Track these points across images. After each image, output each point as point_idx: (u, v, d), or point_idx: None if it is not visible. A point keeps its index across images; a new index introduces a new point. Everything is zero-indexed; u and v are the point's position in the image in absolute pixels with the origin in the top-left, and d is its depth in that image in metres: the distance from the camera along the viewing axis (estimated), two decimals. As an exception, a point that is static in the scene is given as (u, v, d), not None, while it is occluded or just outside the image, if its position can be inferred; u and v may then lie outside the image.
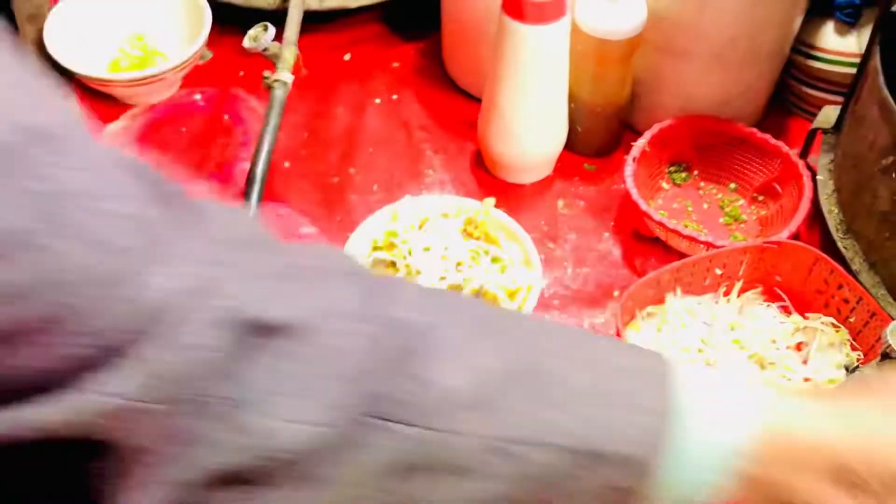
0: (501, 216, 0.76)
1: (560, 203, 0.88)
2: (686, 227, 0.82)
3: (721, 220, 0.87)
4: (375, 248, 0.75)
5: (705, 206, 0.88)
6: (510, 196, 0.87)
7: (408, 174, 0.90)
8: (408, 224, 0.74)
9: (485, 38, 0.90)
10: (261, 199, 0.73)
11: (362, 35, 1.02)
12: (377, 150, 0.93)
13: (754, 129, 0.86)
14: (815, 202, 0.80)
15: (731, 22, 0.81)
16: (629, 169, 0.82)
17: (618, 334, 0.71)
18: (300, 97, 0.93)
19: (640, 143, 0.85)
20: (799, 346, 0.74)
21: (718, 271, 0.76)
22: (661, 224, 0.78)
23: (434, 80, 1.00)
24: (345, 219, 0.86)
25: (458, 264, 0.70)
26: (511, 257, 0.72)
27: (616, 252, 0.84)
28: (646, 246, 0.84)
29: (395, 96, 0.98)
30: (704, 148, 0.90)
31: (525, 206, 0.87)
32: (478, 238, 0.72)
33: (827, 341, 0.73)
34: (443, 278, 0.69)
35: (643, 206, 0.79)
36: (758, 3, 0.79)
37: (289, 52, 0.81)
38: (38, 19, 0.95)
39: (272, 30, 0.78)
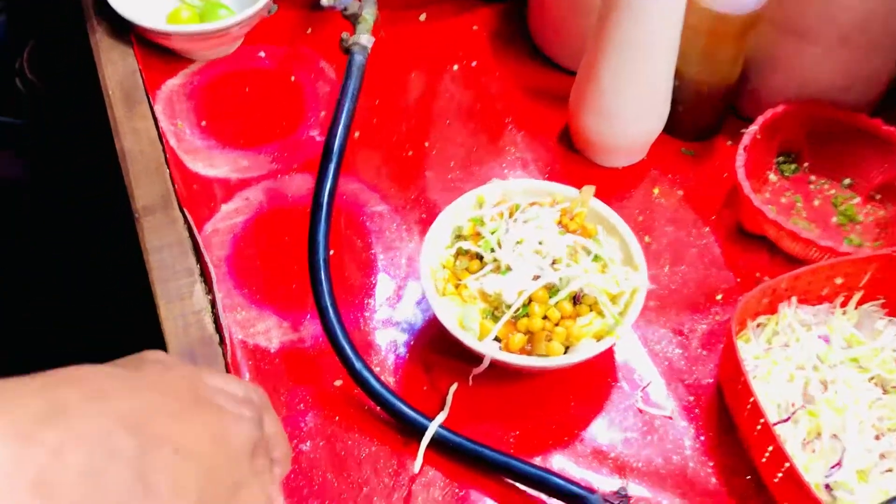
0: (601, 207, 0.68)
1: (656, 191, 0.80)
2: (796, 224, 0.74)
3: (834, 219, 0.78)
4: (459, 237, 0.67)
5: (816, 202, 0.80)
6: (600, 181, 0.79)
7: (487, 150, 0.83)
8: (496, 212, 0.67)
9: (580, 5, 0.82)
10: (338, 174, 0.66)
11: (439, -8, 0.94)
12: (454, 122, 0.85)
13: (878, 120, 0.77)
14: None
15: (864, 1, 0.72)
16: (740, 159, 0.74)
17: (728, 346, 0.63)
18: (370, 60, 0.85)
19: (751, 130, 0.76)
20: (926, 370, 0.66)
21: (839, 280, 0.68)
22: (775, 223, 0.70)
23: (517, 47, 0.91)
24: (419, 196, 0.79)
25: (555, 262, 0.62)
26: (612, 255, 0.65)
27: (717, 250, 0.76)
28: (750, 244, 0.76)
29: (473, 63, 0.90)
30: (818, 138, 0.81)
31: (617, 193, 0.79)
32: (574, 231, 0.65)
33: (959, 366, 0.65)
34: (536, 277, 0.62)
35: (756, 201, 0.71)
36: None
37: (369, 13, 0.73)
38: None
39: (355, -14, 0.70)
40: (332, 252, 0.65)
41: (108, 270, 0.94)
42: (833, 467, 0.60)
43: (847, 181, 0.80)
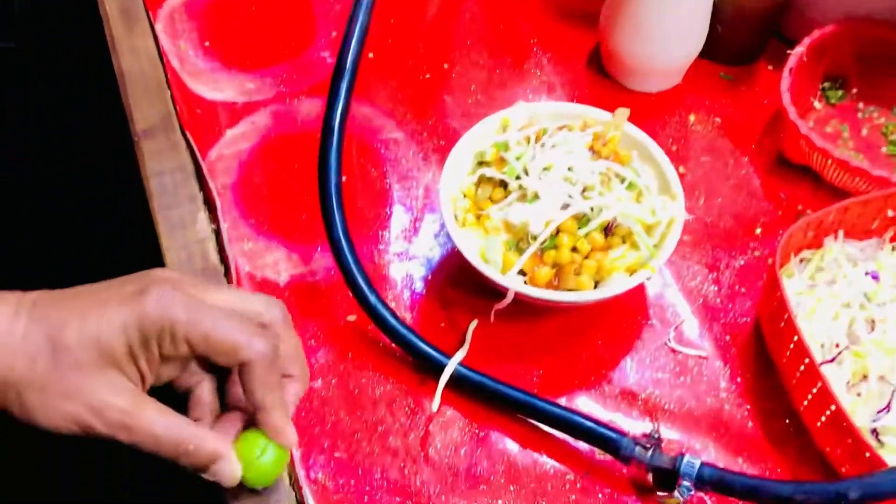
0: (635, 132, 0.63)
1: (692, 118, 0.74)
2: (844, 153, 0.68)
3: (883, 149, 0.73)
4: (481, 163, 0.63)
5: (864, 131, 0.74)
6: (632, 106, 0.73)
7: (511, 74, 0.77)
8: (521, 136, 0.62)
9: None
10: (350, 94, 0.61)
11: None
12: (476, 43, 0.79)
13: (936, 41, 0.71)
14: None
15: None
16: (786, 82, 0.68)
17: (770, 281, 0.59)
18: (386, -24, 0.80)
19: (797, 52, 0.70)
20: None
21: (891, 213, 0.63)
22: (823, 151, 0.65)
23: (543, -38, 0.85)
24: (437, 123, 0.74)
25: (586, 189, 0.58)
26: (647, 183, 0.60)
27: (756, 181, 0.71)
28: (792, 175, 0.71)
29: (496, -21, 0.83)
30: (868, 62, 0.75)
31: (650, 120, 0.74)
32: (607, 157, 0.60)
33: None
34: (566, 206, 0.57)
35: (803, 128, 0.65)
36: None
37: (385, -83, 0.67)
38: None
39: None
40: (344, 179, 0.60)
41: (106, 201, 0.90)
42: (881, 411, 0.56)
43: (898, 109, 0.75)
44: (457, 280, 0.64)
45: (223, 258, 0.63)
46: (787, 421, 0.58)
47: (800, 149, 0.68)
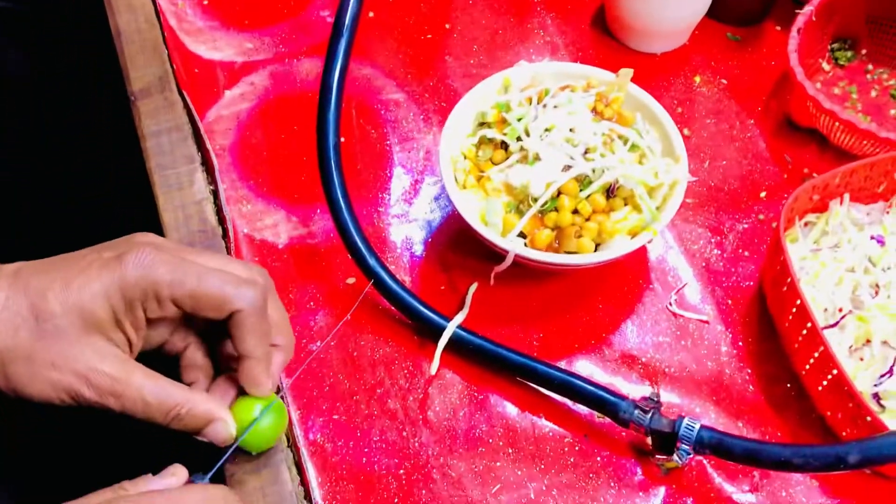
0: (639, 93, 0.62)
1: (697, 80, 0.73)
2: (852, 115, 0.67)
3: (892, 111, 0.72)
4: (482, 125, 0.62)
5: (873, 93, 0.73)
6: (637, 67, 0.72)
7: (514, 34, 0.76)
8: (523, 97, 0.61)
9: None
10: (349, 53, 0.60)
11: None
12: (477, 2, 0.78)
13: (949, 1, 0.70)
14: None
15: None
16: (793, 42, 0.67)
17: (773, 245, 0.58)
18: (387, -68, 0.78)
19: (806, 11, 0.69)
20: None
21: (898, 177, 0.62)
22: (831, 113, 0.64)
23: (547, -81, 0.83)
24: (438, 84, 0.72)
25: (588, 151, 0.57)
26: (651, 145, 0.59)
27: (762, 144, 0.70)
28: (799, 138, 0.70)
29: (499, -63, 0.82)
30: (878, 22, 0.73)
31: (655, 82, 0.72)
32: (610, 118, 0.59)
33: None
34: (567, 168, 0.56)
35: (811, 89, 0.64)
36: None
37: None
38: None
39: None
40: (342, 140, 0.59)
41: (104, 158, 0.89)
42: (883, 376, 0.55)
43: (909, 70, 0.73)
44: (457, 243, 0.63)
45: (221, 219, 0.63)
46: (789, 385, 0.58)
47: (807, 111, 0.67)
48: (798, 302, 0.54)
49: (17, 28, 0.99)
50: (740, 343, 0.60)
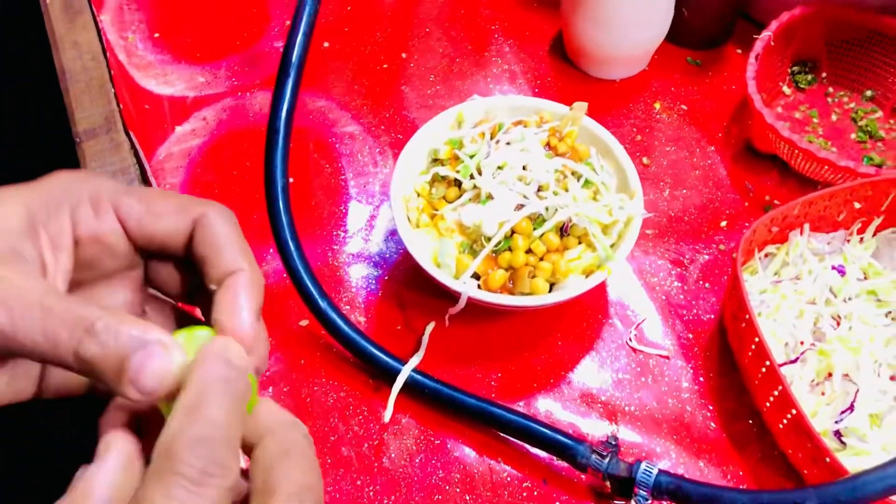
0: (594, 126, 0.61)
1: (657, 106, 0.72)
2: (811, 142, 0.67)
3: (853, 135, 0.71)
4: (435, 161, 0.60)
5: (834, 117, 0.72)
6: (596, 95, 0.71)
7: (471, 62, 0.75)
8: (476, 132, 0.59)
9: None
10: (297, 92, 0.59)
11: None
12: (435, 29, 0.77)
13: (907, 23, 0.69)
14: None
15: None
16: (751, 69, 0.66)
17: (732, 278, 0.57)
18: (343, -40, 0.77)
19: (764, 36, 0.68)
20: (949, 303, 0.60)
21: (857, 205, 0.61)
22: (789, 142, 0.63)
23: (505, -56, 0.82)
24: (395, 115, 0.71)
25: (541, 188, 0.56)
26: (605, 181, 0.58)
27: (722, 171, 0.69)
28: (760, 164, 0.69)
29: (457, -37, 0.81)
30: (838, 45, 0.73)
31: (615, 109, 0.71)
32: (564, 154, 0.58)
33: None
34: (520, 206, 0.55)
35: (769, 117, 0.63)
36: None
37: None
38: None
39: None
40: (291, 180, 0.58)
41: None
42: (844, 412, 0.54)
43: (869, 93, 0.72)
44: (413, 281, 0.62)
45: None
46: (751, 421, 0.57)
47: (767, 138, 0.66)
48: (756, 339, 0.53)
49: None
50: (701, 378, 0.59)
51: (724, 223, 0.66)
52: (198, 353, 0.28)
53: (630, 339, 0.60)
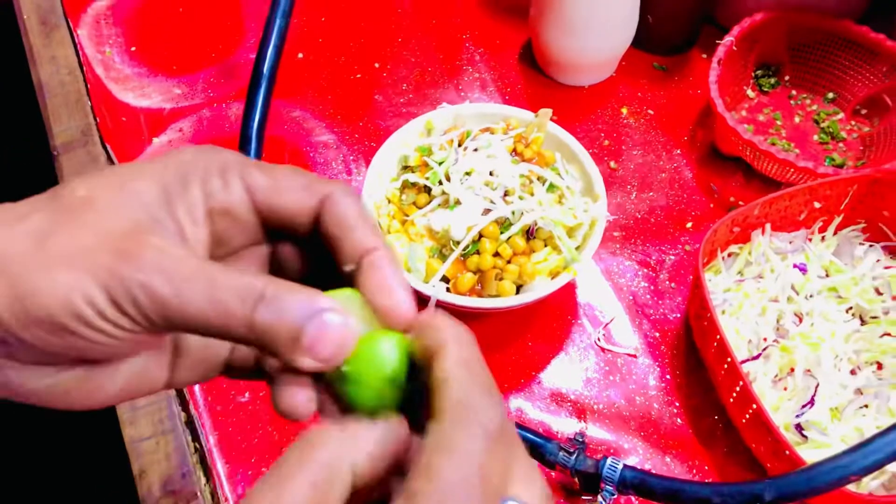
0: (559, 132, 0.62)
1: (624, 111, 0.74)
2: (774, 144, 0.68)
3: (815, 137, 0.73)
4: (405, 168, 0.62)
5: (797, 119, 0.74)
6: (564, 101, 0.73)
7: (443, 71, 0.76)
8: (445, 139, 0.61)
9: None
10: (268, 102, 0.60)
11: None
12: (407, 39, 0.78)
13: (864, 28, 0.71)
14: (939, 121, 0.66)
15: None
16: (713, 74, 0.68)
17: (695, 278, 0.59)
18: (316, -28, 0.78)
19: (726, 41, 0.70)
20: (908, 298, 0.62)
21: (817, 205, 0.63)
22: (750, 144, 0.65)
23: (475, -45, 0.84)
24: (368, 123, 0.73)
25: (508, 193, 0.57)
26: (570, 185, 0.59)
27: (688, 173, 0.70)
28: (725, 166, 0.71)
29: (428, -26, 0.82)
30: (800, 49, 0.75)
31: (584, 115, 0.73)
32: (530, 159, 0.59)
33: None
34: (487, 211, 0.56)
35: (731, 120, 0.65)
36: None
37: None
38: None
39: None
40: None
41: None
42: (804, 406, 0.56)
43: (830, 95, 0.74)
44: (386, 286, 0.63)
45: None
46: (716, 417, 0.59)
47: (730, 140, 0.68)
48: (718, 337, 0.55)
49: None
50: (668, 376, 0.60)
51: (689, 224, 0.67)
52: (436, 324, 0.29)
53: (598, 339, 0.62)
